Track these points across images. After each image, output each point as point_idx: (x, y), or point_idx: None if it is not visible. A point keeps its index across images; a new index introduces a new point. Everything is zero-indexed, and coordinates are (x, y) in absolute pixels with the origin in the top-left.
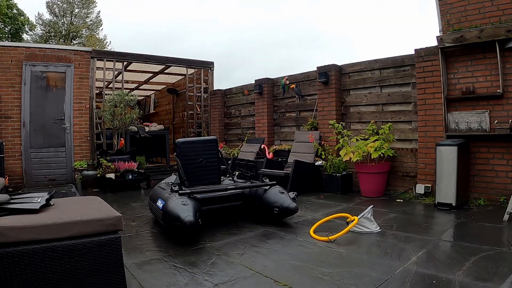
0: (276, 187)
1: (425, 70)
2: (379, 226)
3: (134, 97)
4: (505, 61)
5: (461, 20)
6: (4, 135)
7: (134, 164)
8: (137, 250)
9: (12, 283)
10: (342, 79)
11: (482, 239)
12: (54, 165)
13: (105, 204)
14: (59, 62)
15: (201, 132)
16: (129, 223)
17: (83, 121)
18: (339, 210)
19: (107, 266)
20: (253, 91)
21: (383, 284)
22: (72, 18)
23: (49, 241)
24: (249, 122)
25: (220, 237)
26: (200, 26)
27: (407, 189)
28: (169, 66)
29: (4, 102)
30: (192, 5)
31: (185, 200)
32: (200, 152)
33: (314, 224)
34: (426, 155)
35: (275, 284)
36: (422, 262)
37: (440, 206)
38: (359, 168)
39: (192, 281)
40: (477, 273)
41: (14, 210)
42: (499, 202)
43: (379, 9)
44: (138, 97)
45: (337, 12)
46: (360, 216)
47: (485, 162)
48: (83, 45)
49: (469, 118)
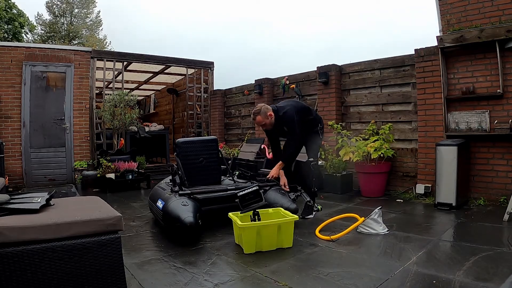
0: (276, 188)
1: (425, 70)
2: (386, 228)
3: (134, 97)
4: (505, 61)
5: (461, 20)
6: (4, 135)
7: (134, 164)
8: (137, 250)
9: (12, 283)
10: (342, 79)
11: (482, 239)
12: (54, 165)
13: (105, 204)
14: (59, 62)
15: (201, 132)
16: (129, 223)
17: (83, 121)
18: (339, 210)
19: (107, 266)
20: (253, 91)
21: (383, 284)
22: (72, 18)
23: (49, 241)
24: (249, 122)
25: (220, 237)
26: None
27: (407, 189)
28: (169, 66)
29: (4, 102)
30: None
31: (185, 201)
32: (200, 152)
33: (320, 224)
34: (426, 155)
35: (275, 284)
36: (422, 262)
37: (440, 206)
38: (359, 168)
39: (192, 281)
40: (477, 273)
41: (14, 210)
42: (499, 202)
43: (379, 9)
44: (138, 97)
45: (337, 11)
46: (367, 217)
47: (485, 162)
48: (83, 45)
49: (469, 118)
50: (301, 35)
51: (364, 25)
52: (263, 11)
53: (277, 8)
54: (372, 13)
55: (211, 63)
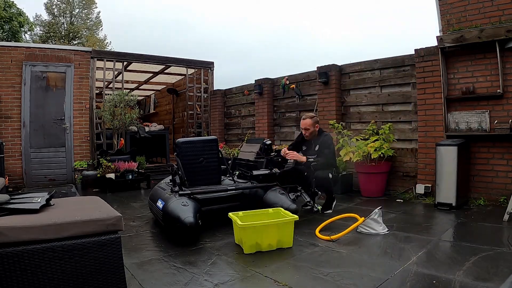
0: (276, 188)
1: (425, 70)
2: (386, 228)
3: (134, 97)
4: (505, 61)
5: (461, 20)
6: (4, 135)
7: (134, 164)
8: (137, 250)
9: (12, 283)
10: (342, 79)
11: (482, 239)
12: (54, 165)
13: (105, 204)
14: (59, 62)
15: (201, 132)
16: (129, 223)
17: (83, 121)
18: (339, 210)
19: (107, 266)
20: (253, 91)
21: (383, 284)
22: (72, 19)
23: (49, 241)
24: (249, 122)
25: (220, 237)
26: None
27: (407, 189)
28: (169, 66)
29: (4, 102)
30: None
31: (185, 201)
32: (200, 152)
33: (320, 224)
34: (426, 155)
35: (275, 284)
36: (422, 262)
37: (440, 206)
38: (359, 168)
39: (192, 281)
40: (477, 273)
41: (14, 210)
42: (499, 202)
43: (379, 9)
44: (138, 97)
45: (336, 11)
46: (367, 217)
47: (485, 162)
48: (83, 45)
49: (469, 118)
50: (301, 34)
51: (364, 25)
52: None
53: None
54: (372, 13)
55: (211, 63)
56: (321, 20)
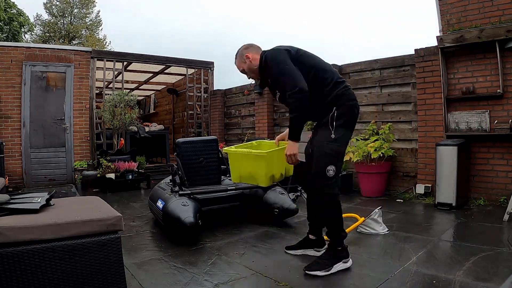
0: (276, 188)
1: (425, 70)
2: (386, 228)
3: (134, 97)
4: (505, 61)
5: (461, 20)
6: (4, 135)
7: (134, 164)
8: (137, 250)
9: (12, 283)
10: None
11: (482, 239)
12: (54, 165)
13: (105, 204)
14: (59, 62)
15: (201, 132)
16: (129, 223)
17: (83, 121)
18: None
19: (107, 266)
20: (253, 91)
21: (383, 284)
22: (71, 19)
23: (49, 241)
24: (249, 122)
25: (220, 237)
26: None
27: (407, 189)
28: (169, 66)
29: (4, 102)
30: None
31: (185, 201)
32: (200, 152)
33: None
34: (426, 155)
35: (275, 284)
36: (422, 262)
37: (440, 206)
38: (359, 168)
39: (192, 281)
40: (477, 273)
41: (14, 210)
42: (499, 202)
43: (379, 9)
44: (138, 97)
45: (335, 12)
46: (367, 217)
47: (485, 162)
48: (83, 45)
49: (469, 118)
50: (301, 34)
51: (364, 25)
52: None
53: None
54: (372, 13)
55: (211, 63)
56: (320, 20)
